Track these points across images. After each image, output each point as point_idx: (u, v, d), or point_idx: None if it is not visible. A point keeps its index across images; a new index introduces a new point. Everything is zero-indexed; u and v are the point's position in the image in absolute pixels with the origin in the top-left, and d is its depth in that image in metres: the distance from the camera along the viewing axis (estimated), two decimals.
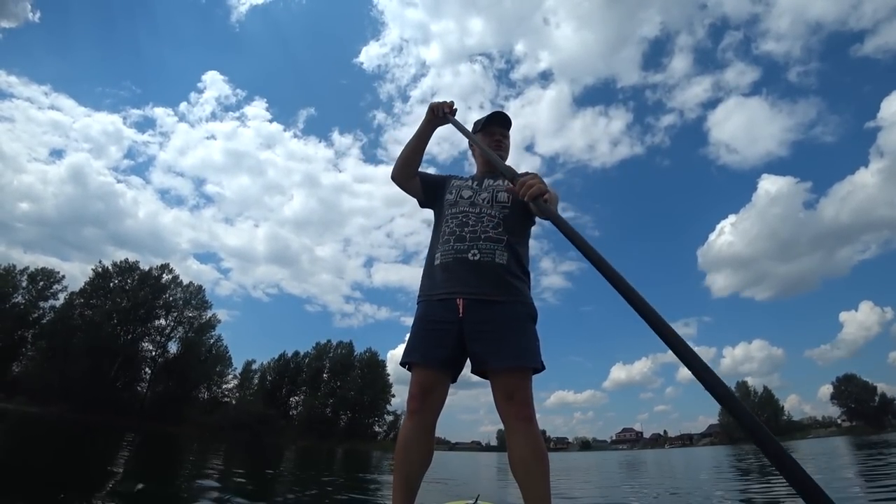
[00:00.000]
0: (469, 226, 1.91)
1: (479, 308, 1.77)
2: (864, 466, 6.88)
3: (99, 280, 40.05)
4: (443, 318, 1.80)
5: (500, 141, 2.16)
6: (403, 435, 1.77)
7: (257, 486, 4.64)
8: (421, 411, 1.77)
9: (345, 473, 7.46)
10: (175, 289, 42.99)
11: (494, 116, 2.18)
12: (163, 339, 42.32)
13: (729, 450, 30.42)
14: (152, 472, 4.87)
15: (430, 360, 1.78)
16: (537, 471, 1.62)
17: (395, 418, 62.35)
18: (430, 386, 1.79)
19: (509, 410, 1.70)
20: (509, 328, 1.76)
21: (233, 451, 14.07)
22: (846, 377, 66.58)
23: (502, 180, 2.03)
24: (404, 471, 1.73)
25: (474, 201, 1.99)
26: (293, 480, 5.73)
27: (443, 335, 1.78)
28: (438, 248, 1.95)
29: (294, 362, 57.18)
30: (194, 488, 3.92)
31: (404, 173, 2.11)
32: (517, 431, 1.68)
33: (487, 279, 1.81)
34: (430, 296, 1.89)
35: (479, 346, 1.75)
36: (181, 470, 5.80)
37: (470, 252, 1.84)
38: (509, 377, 1.71)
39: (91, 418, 29.08)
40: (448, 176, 2.22)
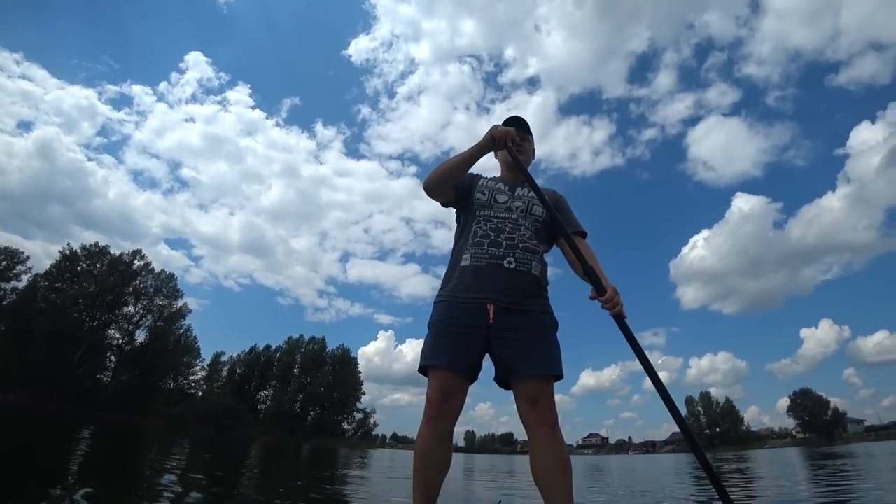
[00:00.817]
0: (506, 232, 1.90)
1: (509, 315, 1.77)
2: (809, 474, 7.35)
3: (66, 263, 38.71)
4: (472, 321, 1.78)
5: (519, 145, 2.12)
6: (422, 441, 1.73)
7: (223, 487, 4.39)
8: (440, 417, 1.73)
9: (313, 472, 7.38)
10: (146, 276, 41.93)
11: (510, 121, 2.16)
12: (130, 327, 41.20)
13: (689, 457, 31.29)
14: (107, 468, 4.59)
15: (457, 365, 1.75)
16: (562, 478, 1.62)
17: (365, 416, 62.26)
18: (451, 391, 1.75)
19: (533, 418, 1.70)
20: (538, 337, 1.77)
21: (198, 445, 13.84)
22: (802, 391, 69.44)
23: (530, 192, 2.03)
24: (424, 477, 1.70)
25: (510, 207, 1.98)
26: (261, 479, 5.56)
27: (472, 339, 1.76)
28: (468, 248, 1.92)
29: (265, 356, 56.34)
30: (152, 491, 3.62)
31: (441, 188, 2.04)
32: (542, 439, 1.68)
33: (520, 288, 1.82)
34: (456, 298, 1.85)
35: (508, 354, 1.74)
36: (140, 466, 5.56)
37: (506, 259, 1.84)
38: (534, 384, 1.71)
39: (51, 406, 28.26)
40: (475, 174, 2.18)
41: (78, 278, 38.12)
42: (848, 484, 5.48)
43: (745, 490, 5.49)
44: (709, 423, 73.97)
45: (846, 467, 8.49)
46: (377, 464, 13.39)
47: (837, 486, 5.41)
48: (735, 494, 5.32)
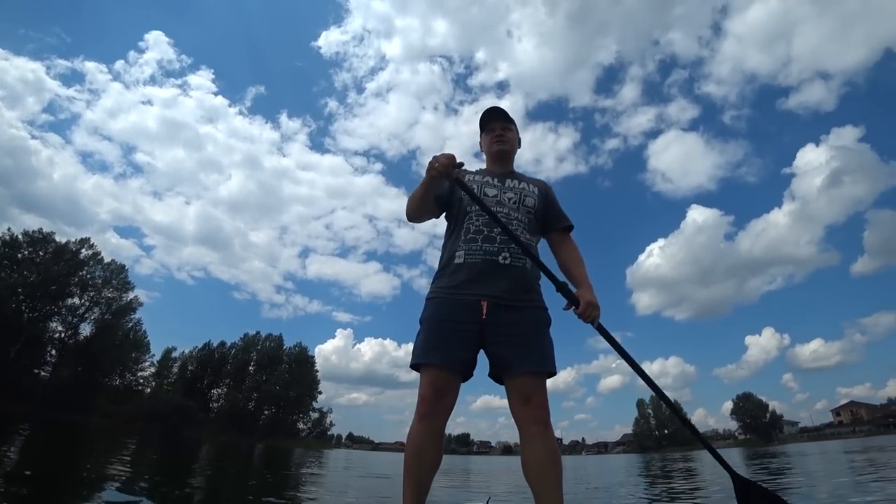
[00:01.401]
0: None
1: (503, 311, 1.77)
2: (748, 472, 7.80)
3: (6, 249, 36.32)
4: (465, 318, 1.77)
5: (501, 136, 2.12)
6: (414, 438, 1.73)
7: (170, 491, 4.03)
8: (432, 414, 1.73)
9: (265, 474, 7.21)
10: (94, 266, 39.77)
11: (490, 112, 2.16)
12: (75, 320, 38.91)
13: (639, 457, 32.53)
14: (40, 472, 4.09)
15: (451, 362, 1.75)
16: (552, 475, 1.62)
17: (321, 416, 61.34)
18: (444, 388, 1.75)
19: (526, 414, 1.71)
20: (532, 333, 1.78)
21: (145, 445, 13.29)
22: (745, 395, 73.51)
23: (528, 184, 2.06)
24: (416, 475, 1.69)
25: (501, 200, 1.96)
26: (211, 483, 5.29)
27: (465, 336, 1.76)
28: (461, 245, 1.90)
29: (219, 352, 54.62)
30: (88, 497, 3.33)
31: (419, 219, 2.09)
32: (533, 435, 1.68)
33: (515, 284, 1.82)
34: (450, 294, 1.84)
35: (502, 350, 1.74)
36: (77, 469, 5.00)
37: (501, 255, 1.83)
38: (528, 381, 1.72)
39: None
40: (456, 173, 2.12)
41: (18, 266, 35.85)
42: (775, 479, 5.91)
43: (695, 483, 5.86)
44: (658, 424, 76.88)
45: (782, 465, 9.04)
46: (333, 463, 13.29)
47: (772, 481, 5.82)
48: (686, 486, 5.63)
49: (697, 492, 5.30)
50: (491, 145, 2.12)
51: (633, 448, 77.00)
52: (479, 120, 2.18)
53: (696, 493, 5.20)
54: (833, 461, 9.28)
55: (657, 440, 73.53)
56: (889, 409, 70.13)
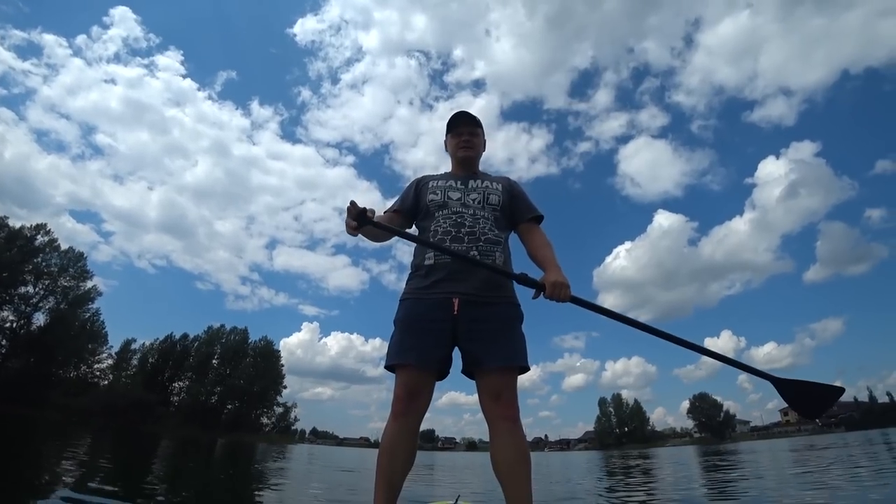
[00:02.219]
0: (466, 226, 1.93)
1: (474, 308, 1.80)
2: (698, 468, 8.37)
3: None
4: (438, 316, 1.79)
5: (468, 140, 2.17)
6: (388, 437, 1.74)
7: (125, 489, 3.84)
8: (407, 413, 1.75)
9: (224, 470, 7.23)
10: (50, 253, 38.31)
11: (458, 116, 2.20)
12: (28, 309, 37.49)
13: (599, 454, 33.50)
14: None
15: (427, 361, 1.77)
16: (521, 472, 1.64)
17: (285, 410, 60.70)
18: (418, 388, 1.77)
19: (496, 410, 1.72)
20: (503, 329, 1.80)
21: (101, 440, 13.00)
22: (701, 395, 76.25)
23: (491, 182, 2.11)
24: (388, 473, 1.71)
25: (465, 202, 2.00)
26: (170, 479, 5.18)
27: (439, 333, 1.78)
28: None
29: (181, 345, 53.40)
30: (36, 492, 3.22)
31: (384, 241, 2.13)
32: (503, 432, 1.70)
33: (486, 281, 1.84)
34: (422, 295, 1.86)
35: (473, 346, 1.77)
36: (25, 465, 4.84)
37: (469, 253, 1.86)
38: (498, 377, 1.74)
39: None
40: (419, 180, 2.19)
41: None
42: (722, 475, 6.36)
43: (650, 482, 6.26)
44: (619, 422, 79.08)
45: (735, 462, 9.60)
46: (298, 458, 13.32)
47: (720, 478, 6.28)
48: (646, 485, 6.00)
49: (649, 484, 5.71)
50: (457, 150, 2.18)
51: (595, 445, 79.01)
52: (448, 122, 2.22)
53: (648, 485, 5.58)
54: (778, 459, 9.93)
55: (617, 438, 75.77)
56: (832, 410, 74.16)
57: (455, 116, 2.20)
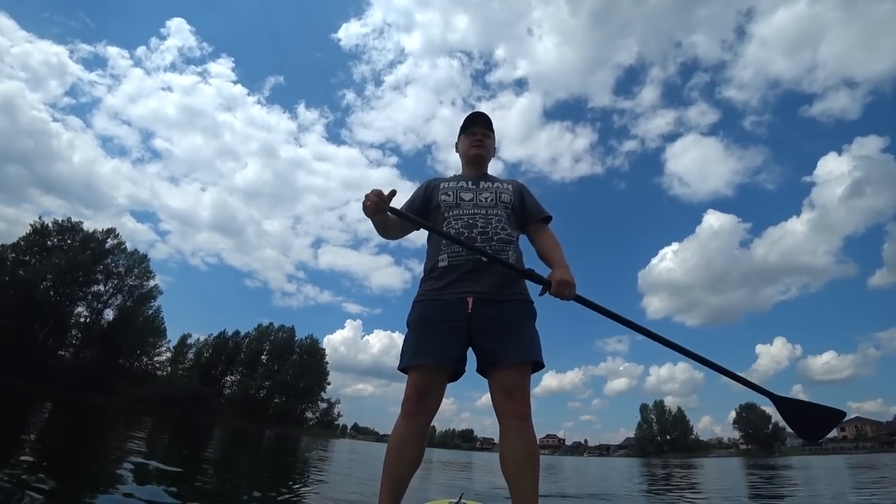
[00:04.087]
0: (478, 227, 1.94)
1: (488, 306, 1.81)
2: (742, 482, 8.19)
3: (36, 237, 38.32)
4: (452, 315, 1.81)
5: (480, 140, 2.19)
6: (397, 437, 1.75)
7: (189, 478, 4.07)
8: (417, 413, 1.76)
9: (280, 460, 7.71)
10: (118, 255, 41.73)
11: (473, 117, 2.23)
12: (99, 306, 40.96)
13: (640, 461, 32.93)
14: (64, 450, 4.30)
15: (442, 360, 1.78)
16: (529, 470, 1.63)
17: (329, 405, 62.99)
18: (429, 389, 1.78)
19: (507, 408, 1.71)
20: (516, 325, 1.80)
21: (162, 427, 13.84)
22: (748, 405, 73.42)
23: (502, 183, 2.13)
24: (395, 472, 1.72)
25: (477, 202, 2.02)
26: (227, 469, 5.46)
27: (454, 333, 1.79)
28: (443, 249, 1.94)
29: (233, 341, 56.49)
30: (112, 476, 3.44)
31: (394, 238, 2.16)
32: (513, 430, 1.69)
33: (500, 279, 1.86)
34: (436, 296, 1.88)
35: (487, 343, 1.77)
36: (103, 448, 5.44)
37: None
38: (511, 374, 1.73)
39: (11, 382, 28.16)
40: (429, 182, 2.21)
41: (48, 253, 37.78)
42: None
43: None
44: (660, 430, 77.24)
45: (785, 478, 9.25)
46: (339, 450, 14.16)
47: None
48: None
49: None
50: (469, 148, 2.20)
51: (635, 452, 77.50)
52: (462, 122, 2.25)
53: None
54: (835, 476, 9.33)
55: (658, 446, 74.07)
56: (894, 427, 69.70)
57: (470, 117, 2.23)
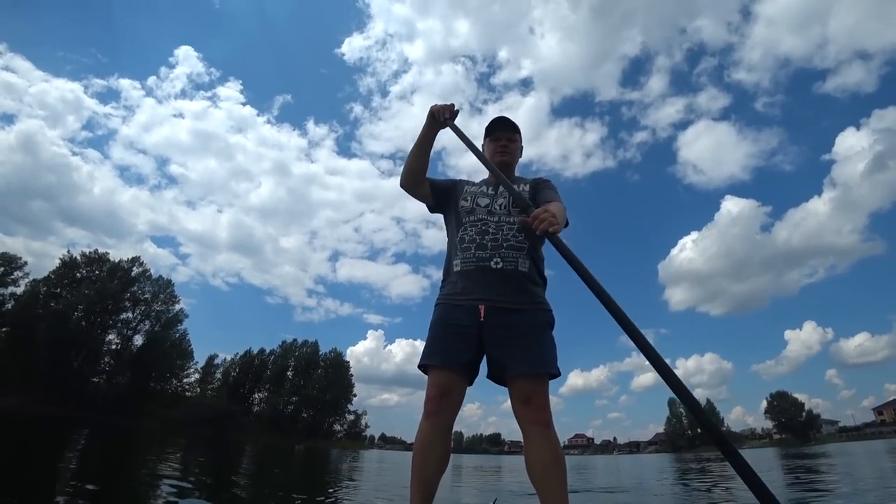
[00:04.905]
0: (490, 233, 1.94)
1: (501, 314, 1.81)
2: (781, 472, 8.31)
3: (65, 269, 39.86)
4: (464, 321, 1.83)
5: (505, 145, 2.17)
6: (421, 437, 1.77)
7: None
8: (438, 413, 1.77)
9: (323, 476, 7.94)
10: (144, 282, 43.15)
11: (497, 122, 2.22)
12: (129, 332, 42.41)
13: (671, 457, 32.63)
14: (104, 472, 4.59)
15: (451, 363, 1.80)
16: (555, 475, 1.63)
17: (356, 417, 63.68)
18: (448, 388, 1.79)
19: (526, 415, 1.72)
20: (529, 335, 1.79)
21: (196, 447, 14.10)
22: (779, 394, 71.86)
23: (519, 186, 2.10)
24: (423, 473, 1.72)
25: (492, 209, 2.02)
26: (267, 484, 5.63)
27: (465, 338, 1.81)
28: (458, 254, 1.97)
29: (259, 359, 57.69)
30: (150, 496, 3.62)
31: (411, 180, 2.13)
32: (535, 436, 1.70)
33: (510, 287, 1.86)
34: (452, 300, 1.92)
35: (499, 351, 1.78)
36: (138, 469, 5.73)
37: (492, 260, 1.88)
38: (527, 382, 1.74)
39: (51, 410, 29.19)
40: (459, 181, 2.23)
41: (78, 285, 39.22)
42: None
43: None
44: (690, 424, 75.96)
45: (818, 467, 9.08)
46: (368, 465, 14.54)
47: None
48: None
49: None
50: (494, 155, 2.17)
51: (666, 448, 76.48)
52: (486, 127, 2.24)
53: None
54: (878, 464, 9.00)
55: (689, 440, 72.86)
56: None
57: (493, 122, 2.23)
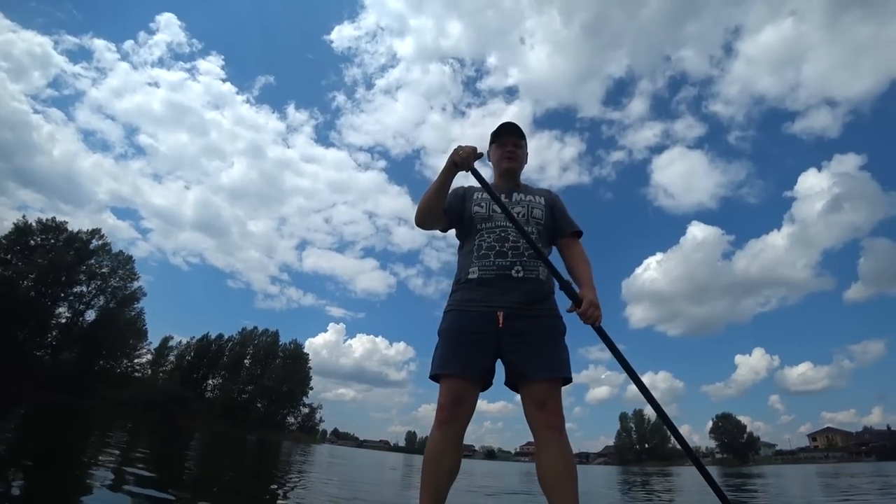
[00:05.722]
0: (510, 241, 1.93)
1: (518, 321, 1.81)
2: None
3: (18, 235, 37.91)
4: (482, 328, 1.81)
5: (512, 151, 2.16)
6: (433, 446, 1.75)
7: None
8: (451, 422, 1.76)
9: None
10: (103, 256, 41.40)
11: (504, 127, 2.20)
12: (81, 307, 40.61)
13: (619, 469, 33.72)
14: (42, 452, 4.33)
15: (470, 371, 1.79)
16: (567, 482, 1.62)
17: (311, 411, 62.94)
18: (462, 397, 1.78)
19: (541, 420, 1.72)
20: (546, 340, 1.81)
21: (145, 430, 13.76)
22: (724, 415, 75.42)
23: (534, 196, 2.11)
24: (434, 482, 1.71)
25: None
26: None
27: (482, 345, 1.80)
28: (474, 261, 1.94)
29: (217, 345, 56.28)
30: (86, 477, 3.43)
31: (431, 220, 2.08)
32: (549, 441, 1.69)
33: (529, 295, 1.85)
34: (467, 307, 1.89)
35: (517, 357, 1.78)
36: (79, 450, 5.37)
37: (513, 269, 1.87)
38: (542, 387, 1.74)
39: None
40: (468, 187, 2.20)
41: (31, 253, 37.41)
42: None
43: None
44: (639, 438, 78.57)
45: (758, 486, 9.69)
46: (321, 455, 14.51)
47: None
48: None
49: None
50: (501, 161, 2.18)
51: (614, 460, 78.60)
52: (493, 132, 2.22)
53: None
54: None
55: (637, 454, 75.30)
56: (863, 437, 71.99)
57: (500, 128, 2.21)
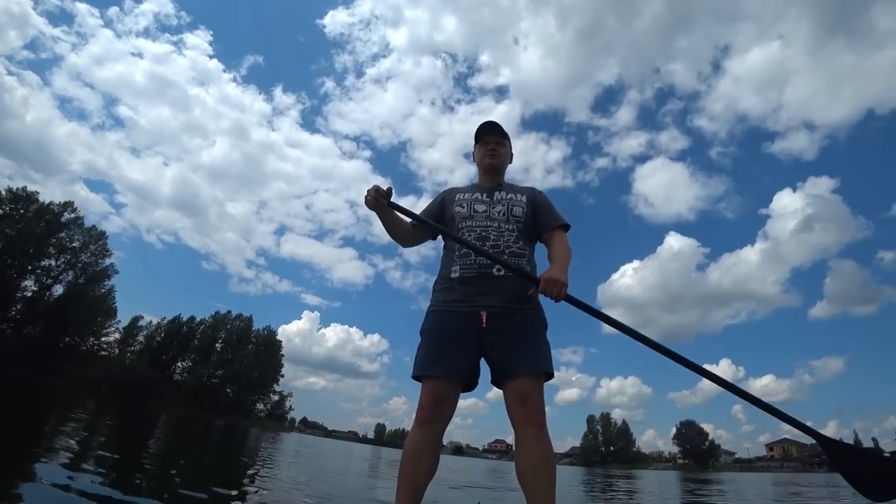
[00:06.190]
0: (490, 240, 1.93)
1: (500, 319, 1.82)
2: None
3: None
4: (466, 328, 1.82)
5: (494, 150, 2.18)
6: (412, 445, 1.76)
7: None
8: (431, 422, 1.77)
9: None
10: (74, 230, 40.21)
11: (486, 126, 2.21)
12: (48, 281, 39.42)
13: (583, 470, 34.31)
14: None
15: (453, 372, 1.80)
16: (546, 478, 1.63)
17: (281, 398, 62.54)
18: (444, 398, 1.80)
19: (523, 415, 1.72)
20: (527, 336, 1.82)
21: (111, 412, 13.59)
22: (688, 422, 77.06)
23: (515, 194, 2.10)
24: (412, 481, 1.72)
25: (490, 215, 2.01)
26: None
27: (466, 345, 1.81)
28: (456, 260, 1.95)
29: (188, 327, 55.30)
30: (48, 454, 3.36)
31: (407, 242, 2.18)
32: (529, 437, 1.69)
33: (511, 293, 1.85)
34: (450, 307, 1.89)
35: (500, 355, 1.79)
36: (40, 428, 5.23)
37: (494, 267, 1.87)
38: (524, 383, 1.74)
39: None
40: (447, 192, 2.22)
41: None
42: None
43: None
44: (605, 441, 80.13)
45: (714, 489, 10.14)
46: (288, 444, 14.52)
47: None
48: None
49: None
50: (483, 158, 2.19)
51: (579, 461, 79.90)
52: (476, 132, 2.24)
53: None
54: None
55: (602, 456, 76.82)
56: (817, 449, 74.09)
57: (483, 126, 2.23)
